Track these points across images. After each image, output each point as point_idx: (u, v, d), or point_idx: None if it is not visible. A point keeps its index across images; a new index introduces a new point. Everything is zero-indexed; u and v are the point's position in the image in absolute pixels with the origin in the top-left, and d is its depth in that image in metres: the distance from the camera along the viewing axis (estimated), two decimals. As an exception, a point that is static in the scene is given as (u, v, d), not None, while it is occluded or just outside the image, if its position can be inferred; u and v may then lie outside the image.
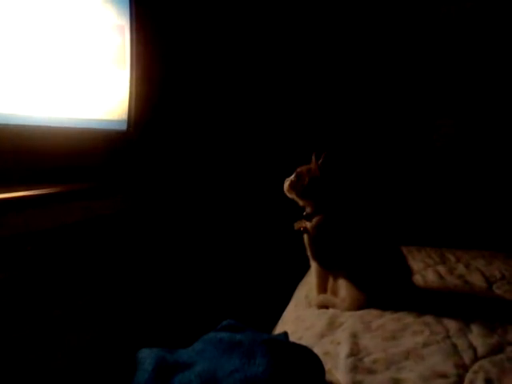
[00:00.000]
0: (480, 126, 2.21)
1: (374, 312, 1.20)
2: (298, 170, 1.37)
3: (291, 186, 1.36)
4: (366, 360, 0.96)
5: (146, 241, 1.51)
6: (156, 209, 1.60)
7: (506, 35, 2.11)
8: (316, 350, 0.95)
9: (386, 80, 2.29)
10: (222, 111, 2.20)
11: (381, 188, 2.26)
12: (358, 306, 1.24)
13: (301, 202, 1.38)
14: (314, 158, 1.33)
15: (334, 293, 1.31)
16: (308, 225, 1.35)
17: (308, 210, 1.36)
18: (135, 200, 1.46)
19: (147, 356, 0.81)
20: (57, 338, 1.06)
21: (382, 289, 1.25)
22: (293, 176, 1.37)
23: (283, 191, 1.39)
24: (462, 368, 0.91)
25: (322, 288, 1.35)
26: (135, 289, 1.43)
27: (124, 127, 1.58)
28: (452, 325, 1.10)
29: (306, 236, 1.36)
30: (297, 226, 1.37)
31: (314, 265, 1.37)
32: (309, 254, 1.37)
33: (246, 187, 2.30)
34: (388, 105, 2.31)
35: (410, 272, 1.35)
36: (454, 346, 1.00)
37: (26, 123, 1.16)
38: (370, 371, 0.92)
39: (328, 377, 0.90)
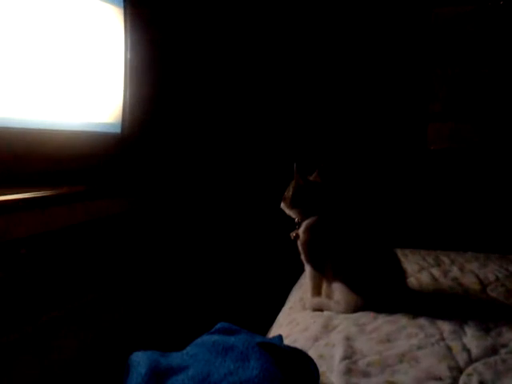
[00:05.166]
0: (474, 129, 2.22)
1: (368, 314, 1.20)
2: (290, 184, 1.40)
3: (283, 199, 1.39)
4: (361, 363, 0.96)
5: (137, 245, 1.50)
6: (149, 213, 1.59)
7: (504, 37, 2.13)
8: (310, 353, 0.95)
9: (379, 81, 2.30)
10: (218, 112, 2.20)
11: (375, 191, 2.27)
12: (353, 308, 1.24)
13: (292, 213, 1.39)
14: (295, 168, 1.35)
15: (329, 295, 1.31)
16: (299, 230, 1.36)
17: (298, 217, 1.38)
18: (129, 203, 1.46)
19: (140, 359, 0.80)
20: (50, 340, 1.05)
21: (377, 291, 1.25)
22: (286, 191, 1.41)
23: (279, 202, 1.41)
24: (457, 370, 0.91)
25: (317, 291, 1.35)
26: (128, 292, 1.42)
27: (118, 130, 1.58)
28: (446, 327, 1.10)
29: (298, 241, 1.37)
30: (292, 235, 1.39)
31: (307, 268, 1.37)
32: (302, 257, 1.38)
33: (242, 191, 2.29)
34: (381, 107, 2.31)
35: (404, 274, 1.36)
36: (449, 348, 1.00)
37: (22, 126, 1.16)
38: (365, 374, 0.92)
39: (322, 380, 0.90)
